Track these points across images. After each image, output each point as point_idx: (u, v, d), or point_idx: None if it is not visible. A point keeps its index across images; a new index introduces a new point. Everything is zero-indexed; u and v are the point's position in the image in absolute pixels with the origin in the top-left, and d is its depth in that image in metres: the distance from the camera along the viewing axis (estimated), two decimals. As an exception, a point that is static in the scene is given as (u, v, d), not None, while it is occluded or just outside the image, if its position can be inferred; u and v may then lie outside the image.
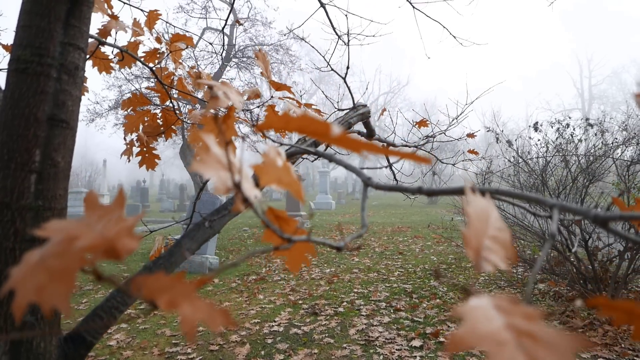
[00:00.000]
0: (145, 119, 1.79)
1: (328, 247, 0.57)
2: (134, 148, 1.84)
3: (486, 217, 0.48)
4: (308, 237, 0.57)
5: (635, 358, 3.23)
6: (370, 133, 1.96)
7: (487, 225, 0.47)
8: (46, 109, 0.93)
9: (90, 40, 1.26)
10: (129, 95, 13.33)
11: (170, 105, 1.78)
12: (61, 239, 0.37)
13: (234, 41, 13.60)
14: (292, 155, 1.17)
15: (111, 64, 1.74)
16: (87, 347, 0.99)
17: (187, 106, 10.86)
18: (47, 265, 0.35)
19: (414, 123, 2.48)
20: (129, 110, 1.74)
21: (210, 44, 3.13)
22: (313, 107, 1.63)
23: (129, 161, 1.89)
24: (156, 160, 1.91)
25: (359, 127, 2.03)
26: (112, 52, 1.61)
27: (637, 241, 0.53)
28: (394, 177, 2.34)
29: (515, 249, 0.48)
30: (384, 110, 2.41)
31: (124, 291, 0.34)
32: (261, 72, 1.52)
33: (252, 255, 0.52)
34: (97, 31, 1.59)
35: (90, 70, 1.84)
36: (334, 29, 2.66)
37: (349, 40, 2.06)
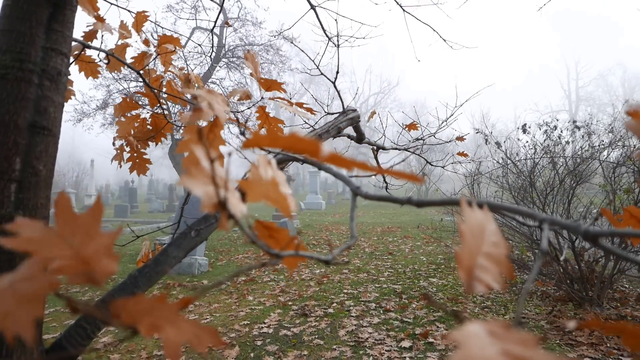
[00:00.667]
0: (136, 124, 1.76)
1: (316, 260, 0.56)
2: (124, 153, 1.81)
3: (481, 232, 0.47)
4: (296, 251, 0.56)
5: (620, 357, 3.28)
6: (359, 137, 1.95)
7: (482, 242, 0.45)
8: (27, 116, 0.90)
9: (74, 44, 1.23)
10: (117, 94, 13.17)
11: (160, 110, 1.75)
12: (34, 261, 0.36)
13: (223, 41, 13.53)
14: (282, 162, 1.16)
15: (98, 68, 1.70)
16: (70, 359, 0.96)
17: (177, 107, 10.77)
18: (16, 290, 0.33)
19: (404, 126, 2.48)
20: (119, 117, 1.71)
21: (200, 45, 3.10)
22: (305, 105, 1.60)
23: (120, 167, 1.85)
24: (147, 164, 1.88)
25: (349, 131, 2.03)
26: (98, 55, 1.58)
27: (626, 257, 0.53)
28: (384, 180, 2.35)
29: (512, 265, 0.46)
30: (374, 113, 2.41)
31: (101, 320, 0.33)
32: (251, 73, 1.50)
33: (242, 272, 0.51)
34: (83, 34, 1.56)
35: (77, 72, 1.80)
36: (324, 31, 2.66)
37: (338, 43, 2.05)
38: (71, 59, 1.14)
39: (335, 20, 2.32)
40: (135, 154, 1.70)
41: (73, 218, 0.39)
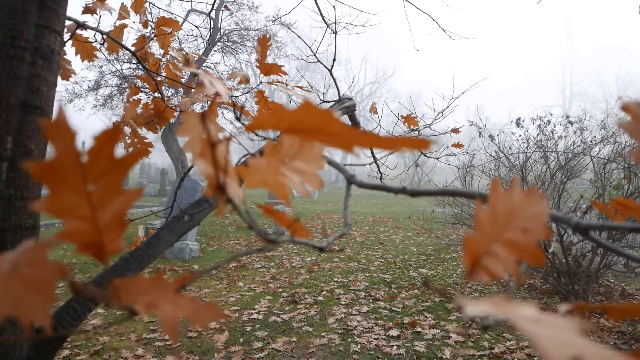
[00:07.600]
0: (139, 110, 1.74)
1: (311, 247, 0.56)
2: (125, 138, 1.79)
3: (510, 216, 0.44)
4: (291, 238, 0.56)
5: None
6: (355, 126, 1.95)
7: (504, 228, 0.43)
8: (19, 95, 0.89)
9: (68, 23, 1.21)
10: (109, 76, 12.96)
11: (159, 94, 1.73)
12: (33, 244, 0.35)
13: (219, 25, 13.34)
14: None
15: (95, 51, 1.67)
16: (60, 338, 0.96)
17: (171, 90, 10.66)
18: (22, 275, 0.32)
19: (400, 117, 2.48)
20: (126, 103, 1.69)
21: (197, 27, 3.06)
22: (304, 87, 1.57)
23: (126, 151, 1.84)
24: (149, 148, 1.85)
25: (344, 119, 2.02)
26: (94, 36, 1.55)
27: (614, 249, 0.54)
28: (378, 170, 2.35)
29: (541, 253, 0.42)
30: (373, 106, 2.40)
31: (102, 300, 0.32)
32: (257, 59, 1.48)
33: (237, 257, 0.51)
34: (82, 8, 1.52)
35: (70, 52, 1.77)
36: (322, 17, 2.63)
37: (336, 31, 2.03)
38: (65, 37, 1.11)
39: (334, 7, 2.29)
40: (135, 139, 1.69)
41: (110, 155, 0.36)
